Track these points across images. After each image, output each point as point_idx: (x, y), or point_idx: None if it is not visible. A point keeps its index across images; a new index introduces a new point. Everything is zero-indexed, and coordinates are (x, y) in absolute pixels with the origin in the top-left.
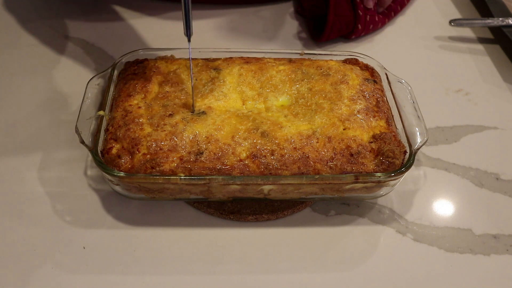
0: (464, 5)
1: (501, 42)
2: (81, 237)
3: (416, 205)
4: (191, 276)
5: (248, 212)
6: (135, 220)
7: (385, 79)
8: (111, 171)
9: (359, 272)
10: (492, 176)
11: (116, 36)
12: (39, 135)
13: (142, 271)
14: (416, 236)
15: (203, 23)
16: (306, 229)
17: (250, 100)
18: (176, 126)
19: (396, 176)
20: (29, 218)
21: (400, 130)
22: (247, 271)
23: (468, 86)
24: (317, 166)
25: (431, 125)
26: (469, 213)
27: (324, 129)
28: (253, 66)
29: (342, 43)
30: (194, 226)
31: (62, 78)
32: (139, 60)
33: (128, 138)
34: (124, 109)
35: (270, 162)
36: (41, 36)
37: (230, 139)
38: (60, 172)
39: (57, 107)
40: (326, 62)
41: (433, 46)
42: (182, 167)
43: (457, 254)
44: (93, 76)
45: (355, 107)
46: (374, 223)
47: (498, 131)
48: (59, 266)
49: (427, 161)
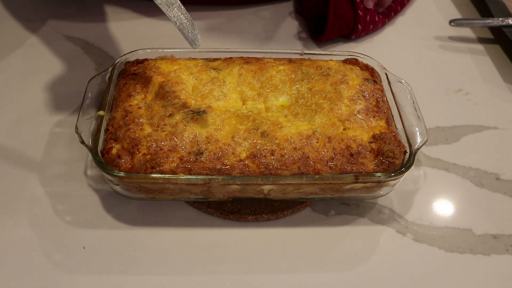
0: (464, 5)
1: (501, 42)
2: (81, 237)
3: (416, 205)
4: (191, 276)
5: (248, 212)
6: (135, 220)
7: (385, 79)
8: (111, 171)
9: (359, 272)
10: (492, 176)
11: (116, 36)
12: (39, 135)
13: (142, 271)
14: (416, 236)
15: (203, 23)
16: (306, 229)
17: (250, 100)
18: (176, 126)
19: (396, 176)
20: (29, 218)
21: (400, 130)
22: (247, 271)
23: (468, 86)
24: (317, 166)
25: (431, 125)
26: (469, 213)
27: (324, 129)
28: (253, 66)
29: (342, 43)
30: (194, 226)
31: (62, 78)
32: (139, 60)
33: (128, 138)
34: (124, 109)
35: (270, 162)
36: (41, 36)
37: (230, 139)
38: (60, 172)
39: (57, 107)
40: (326, 62)
41: (433, 46)
42: (182, 167)
43: (457, 254)
44: (93, 76)
45: (355, 107)
46: (374, 223)
47: (498, 131)
48: (59, 266)
49: (427, 161)
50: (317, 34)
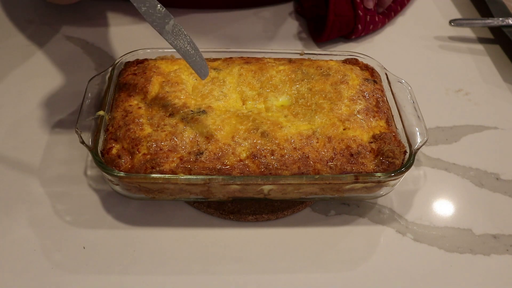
0: (464, 5)
1: (501, 42)
2: (81, 237)
3: (416, 205)
4: (191, 276)
5: (248, 212)
6: (135, 220)
7: (385, 79)
8: (111, 171)
9: (359, 272)
10: (492, 176)
11: (116, 36)
12: (39, 135)
13: (142, 271)
14: (416, 236)
15: (203, 24)
16: (306, 229)
17: (250, 100)
18: (176, 127)
19: (396, 176)
20: (29, 218)
21: (400, 130)
22: (247, 271)
23: (468, 86)
24: (317, 166)
25: (431, 125)
26: (469, 213)
27: (324, 129)
28: (253, 66)
29: (342, 43)
30: (194, 226)
31: (62, 78)
32: (139, 60)
33: (128, 138)
34: (124, 109)
35: (270, 162)
36: (41, 37)
37: (230, 139)
38: (60, 172)
39: (57, 107)
40: (326, 62)
41: (433, 46)
42: (182, 167)
43: (457, 254)
44: (93, 76)
45: (355, 107)
46: (374, 223)
47: (498, 131)
48: (59, 266)
49: (427, 161)
50: (317, 34)
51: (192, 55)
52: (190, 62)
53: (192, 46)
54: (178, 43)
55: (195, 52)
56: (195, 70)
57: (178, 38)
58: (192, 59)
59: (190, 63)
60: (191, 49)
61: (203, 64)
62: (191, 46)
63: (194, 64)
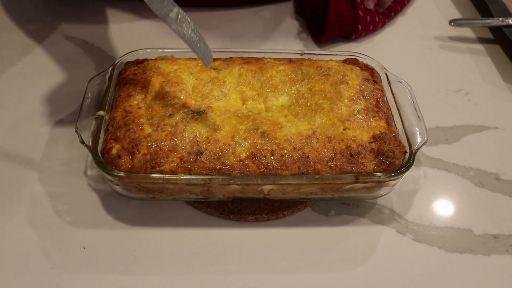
0: (464, 5)
1: (501, 42)
2: (81, 237)
3: (416, 205)
4: (191, 276)
5: (248, 212)
6: (135, 220)
7: (385, 79)
8: (111, 171)
9: (359, 272)
10: (492, 176)
11: (116, 36)
12: (39, 135)
13: (142, 271)
14: (416, 236)
15: (203, 23)
16: (306, 229)
17: (250, 100)
18: (176, 127)
19: (396, 176)
20: (29, 218)
21: (400, 130)
22: (247, 271)
23: (468, 86)
24: (317, 166)
25: (431, 125)
26: (469, 213)
27: (324, 129)
28: (253, 66)
29: (342, 43)
30: (194, 226)
31: (62, 78)
32: (139, 60)
33: (128, 138)
34: (124, 109)
35: (270, 162)
36: (41, 36)
37: (230, 139)
38: (60, 172)
39: (57, 107)
40: (326, 62)
41: (433, 46)
42: (182, 167)
43: (457, 254)
44: (93, 76)
45: (355, 107)
46: (374, 223)
47: (498, 131)
48: (59, 266)
49: (427, 161)
50: (317, 34)
51: (196, 41)
52: (194, 49)
53: (196, 33)
54: (182, 30)
55: (199, 39)
56: (200, 56)
57: (182, 25)
58: (197, 46)
59: (194, 49)
60: (195, 36)
61: (207, 51)
62: (195, 33)
63: (198, 51)
